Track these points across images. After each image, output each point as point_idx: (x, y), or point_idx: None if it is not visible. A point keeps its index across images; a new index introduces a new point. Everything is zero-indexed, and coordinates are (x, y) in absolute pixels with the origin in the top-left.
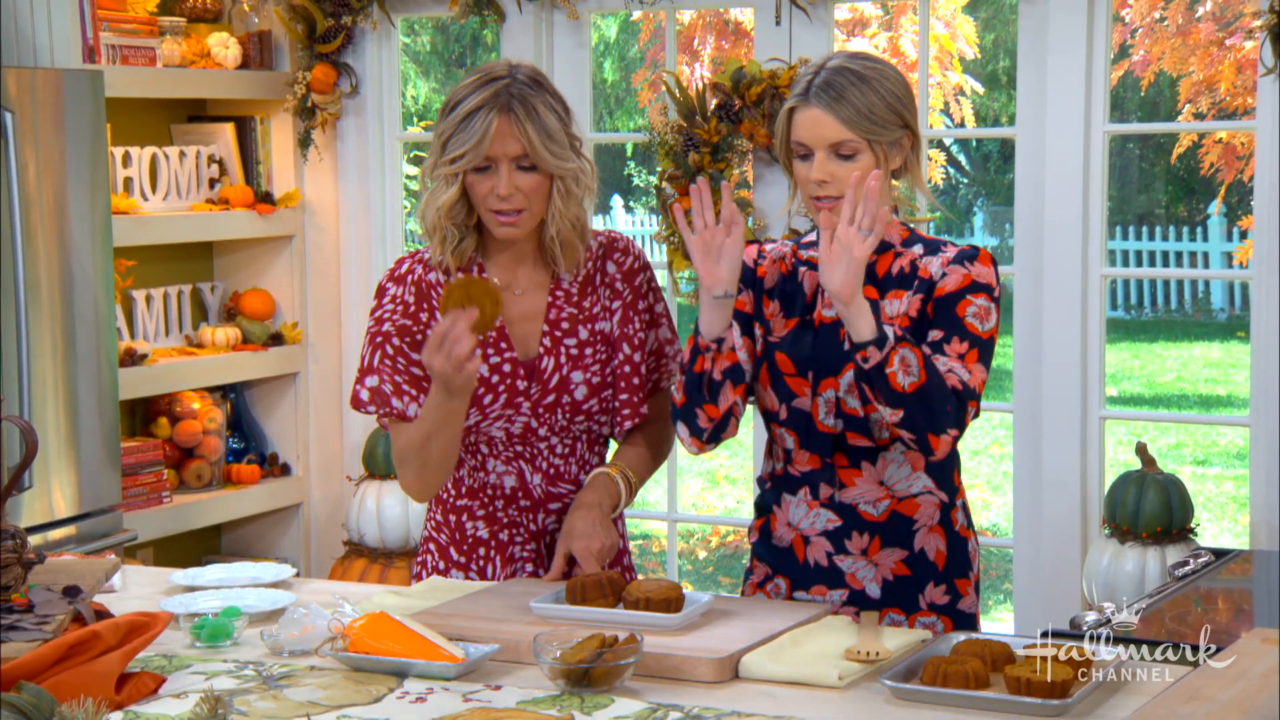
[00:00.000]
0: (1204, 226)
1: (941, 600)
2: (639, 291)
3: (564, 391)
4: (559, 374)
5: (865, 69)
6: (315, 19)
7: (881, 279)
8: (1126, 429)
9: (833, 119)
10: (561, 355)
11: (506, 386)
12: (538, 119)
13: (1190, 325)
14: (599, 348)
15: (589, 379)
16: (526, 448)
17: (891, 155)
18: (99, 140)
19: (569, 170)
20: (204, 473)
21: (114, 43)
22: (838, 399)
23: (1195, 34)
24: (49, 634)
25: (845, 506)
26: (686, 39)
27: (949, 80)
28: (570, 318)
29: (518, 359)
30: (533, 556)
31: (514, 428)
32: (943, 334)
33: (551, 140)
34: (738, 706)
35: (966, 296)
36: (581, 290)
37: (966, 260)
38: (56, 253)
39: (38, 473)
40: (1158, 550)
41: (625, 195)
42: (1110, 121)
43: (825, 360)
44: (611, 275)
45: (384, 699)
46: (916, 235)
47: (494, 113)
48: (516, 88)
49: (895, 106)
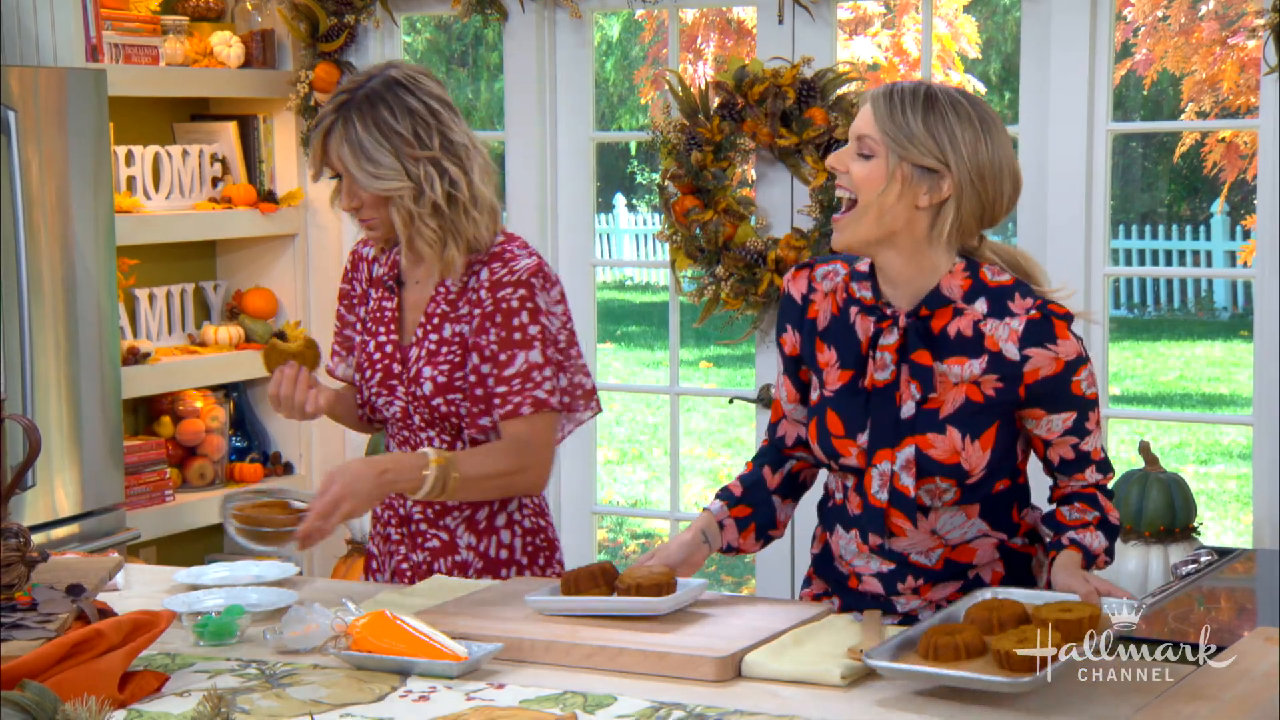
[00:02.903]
0: (1207, 225)
1: None
2: (500, 305)
3: (418, 384)
4: (418, 365)
5: (944, 94)
6: (318, 17)
7: (938, 337)
8: (1129, 428)
9: (870, 113)
10: (424, 349)
11: (383, 367)
12: (354, 140)
13: (1193, 324)
14: (454, 349)
15: (436, 377)
16: (410, 434)
17: (916, 184)
18: (102, 139)
19: (398, 190)
20: (207, 471)
21: (117, 41)
22: (893, 473)
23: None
24: (52, 632)
25: (896, 554)
26: (689, 38)
27: (950, 80)
28: (442, 314)
29: (398, 343)
30: (402, 540)
31: (394, 410)
32: (1076, 414)
33: (368, 160)
34: (741, 705)
35: (1074, 379)
36: (460, 291)
37: (1047, 341)
38: (59, 251)
39: (41, 471)
40: (1160, 549)
41: (628, 194)
42: (1113, 120)
43: (880, 432)
44: (480, 282)
45: (387, 698)
46: (980, 282)
47: (319, 134)
48: (350, 105)
49: (938, 135)
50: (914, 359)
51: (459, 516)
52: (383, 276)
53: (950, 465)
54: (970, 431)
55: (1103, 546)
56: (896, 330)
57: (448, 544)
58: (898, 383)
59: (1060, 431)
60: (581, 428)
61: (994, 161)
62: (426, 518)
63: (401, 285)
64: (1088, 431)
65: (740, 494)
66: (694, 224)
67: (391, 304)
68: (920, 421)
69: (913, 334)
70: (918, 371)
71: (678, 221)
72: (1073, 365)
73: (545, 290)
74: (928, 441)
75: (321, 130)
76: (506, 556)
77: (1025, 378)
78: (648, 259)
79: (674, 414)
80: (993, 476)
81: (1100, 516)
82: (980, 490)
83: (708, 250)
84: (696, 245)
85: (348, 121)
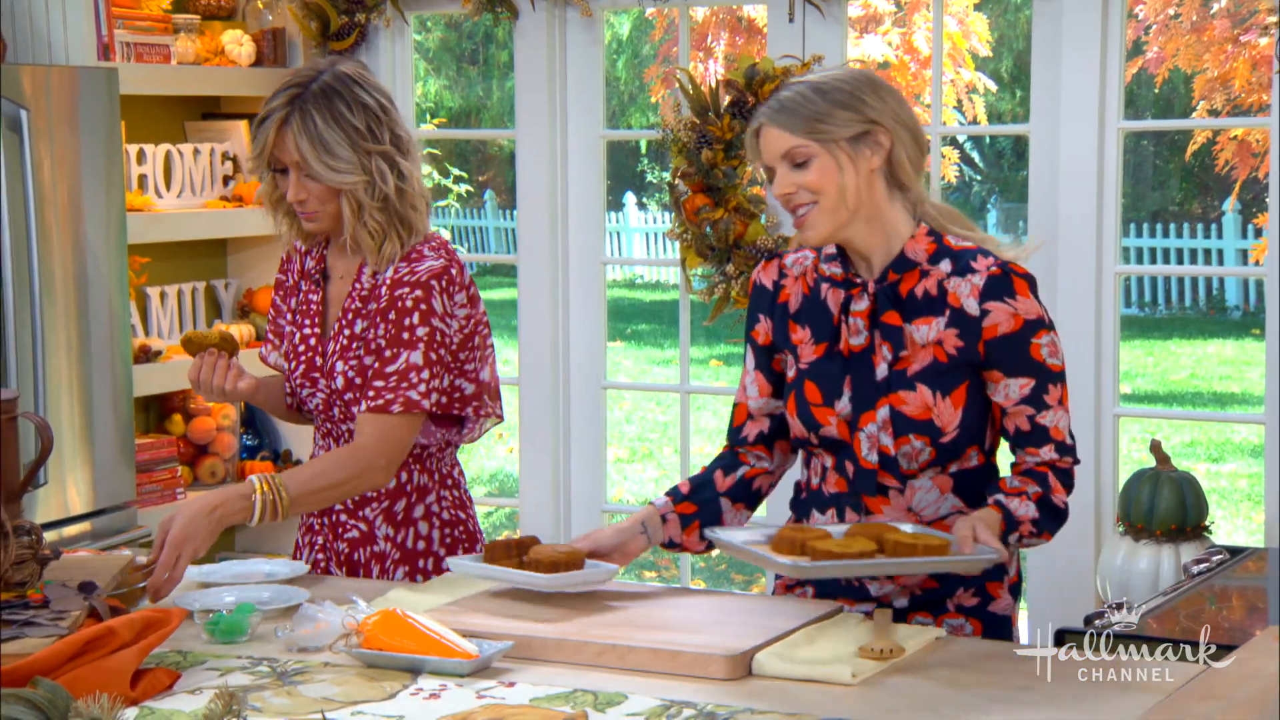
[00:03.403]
0: (1219, 223)
1: (970, 602)
2: (394, 303)
3: (332, 378)
4: (332, 360)
5: (821, 77)
6: (329, 16)
7: (905, 300)
8: (1140, 426)
9: (778, 129)
10: (339, 343)
11: (306, 360)
12: (312, 130)
13: (1205, 322)
14: (358, 344)
15: (347, 372)
16: (333, 426)
17: (860, 154)
18: (114, 137)
19: (352, 183)
20: (218, 469)
21: (129, 40)
22: (875, 435)
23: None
24: (64, 630)
25: None
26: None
27: (961, 77)
28: (355, 310)
29: (320, 336)
30: (321, 530)
31: (316, 402)
32: (1033, 382)
33: (327, 153)
34: (751, 704)
35: (1032, 341)
36: (372, 288)
37: (1005, 295)
38: (71, 250)
39: (53, 469)
40: (1172, 548)
41: (638, 192)
42: (1124, 118)
43: (860, 393)
44: (385, 278)
45: (398, 695)
46: (944, 246)
47: (274, 124)
48: (305, 98)
49: (846, 102)
50: (884, 321)
51: (377, 508)
52: (311, 270)
53: (923, 422)
54: (940, 389)
55: (1029, 516)
56: (867, 296)
57: (366, 535)
58: (872, 346)
59: (1017, 399)
60: (592, 426)
61: (895, 95)
62: (346, 508)
63: (326, 280)
64: (1046, 405)
65: (688, 492)
66: (704, 222)
67: (316, 297)
68: (893, 381)
69: (882, 298)
70: (889, 333)
71: (688, 220)
72: (1032, 325)
73: (446, 293)
74: (900, 399)
75: (275, 122)
76: (424, 548)
77: (984, 333)
78: (658, 257)
79: (684, 412)
80: (966, 440)
81: (1041, 493)
82: (954, 453)
83: (718, 248)
84: (707, 243)
85: (304, 114)
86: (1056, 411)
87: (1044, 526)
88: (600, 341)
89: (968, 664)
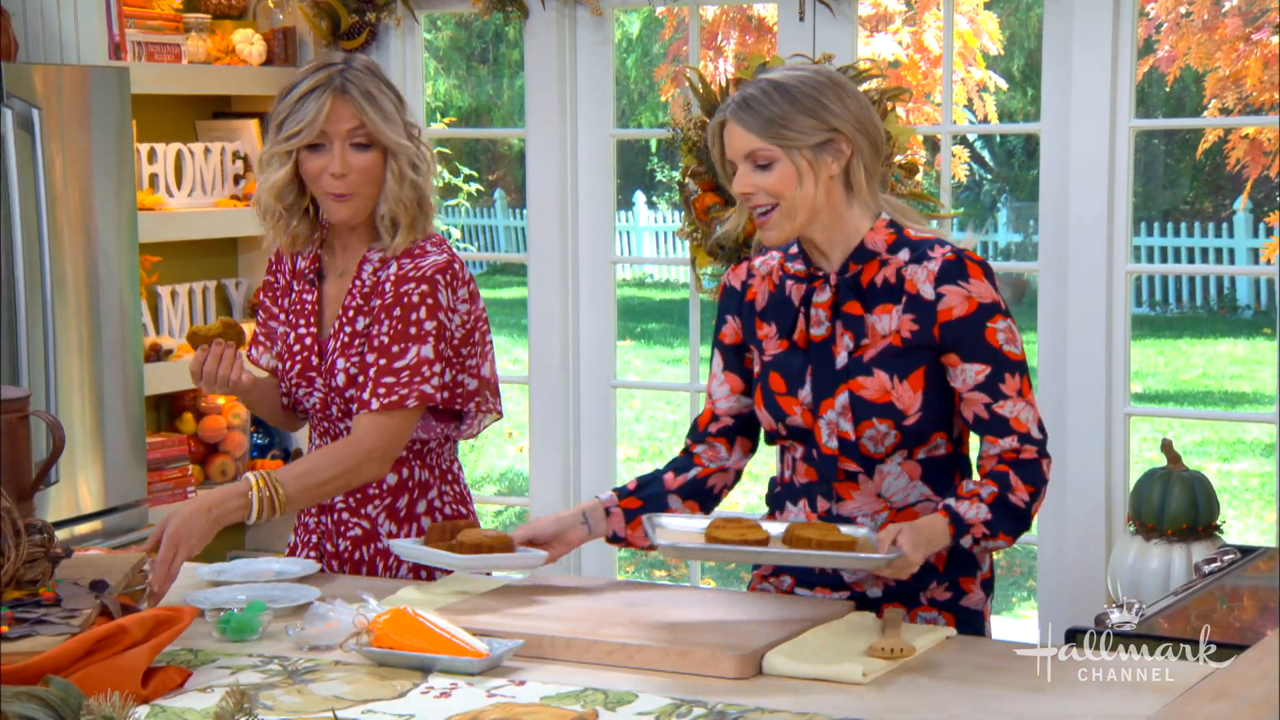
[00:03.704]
0: (1230, 222)
1: (943, 596)
2: (400, 300)
3: (333, 375)
4: (332, 358)
5: (787, 77)
6: (339, 15)
7: (866, 290)
8: (1151, 426)
9: (742, 129)
10: (339, 341)
11: (302, 359)
12: (372, 99)
13: (1216, 321)
14: (364, 342)
15: (348, 369)
16: (329, 425)
17: (821, 161)
18: (125, 136)
19: (405, 148)
20: (228, 468)
21: (140, 39)
22: (834, 420)
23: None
24: (76, 628)
25: (843, 520)
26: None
27: (972, 76)
28: (356, 308)
29: (316, 335)
30: (317, 529)
31: (313, 401)
32: (989, 369)
33: (386, 119)
34: (761, 702)
35: (988, 325)
36: (375, 285)
37: (959, 279)
38: (82, 249)
39: (64, 468)
40: (1183, 547)
41: (648, 191)
42: (1135, 117)
43: (820, 381)
44: (388, 275)
45: (408, 694)
46: (904, 237)
47: (328, 92)
48: (351, 73)
49: (812, 110)
50: (846, 311)
51: (379, 505)
52: (304, 269)
53: (883, 405)
54: (896, 372)
55: (980, 519)
56: (829, 288)
57: (369, 532)
58: (833, 337)
59: (972, 384)
60: (602, 425)
61: (859, 102)
62: (348, 506)
63: (322, 279)
64: (1004, 395)
65: (634, 488)
66: (714, 221)
67: (311, 297)
68: (852, 368)
69: (843, 288)
70: (851, 322)
71: (698, 219)
72: (986, 309)
73: (450, 288)
74: (859, 384)
75: (329, 91)
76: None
77: (939, 316)
78: (668, 256)
79: (694, 411)
80: (931, 425)
81: (997, 494)
82: (920, 438)
83: (728, 247)
84: (717, 243)
85: (358, 83)
86: (1016, 402)
87: (999, 528)
88: (610, 340)
89: (979, 663)
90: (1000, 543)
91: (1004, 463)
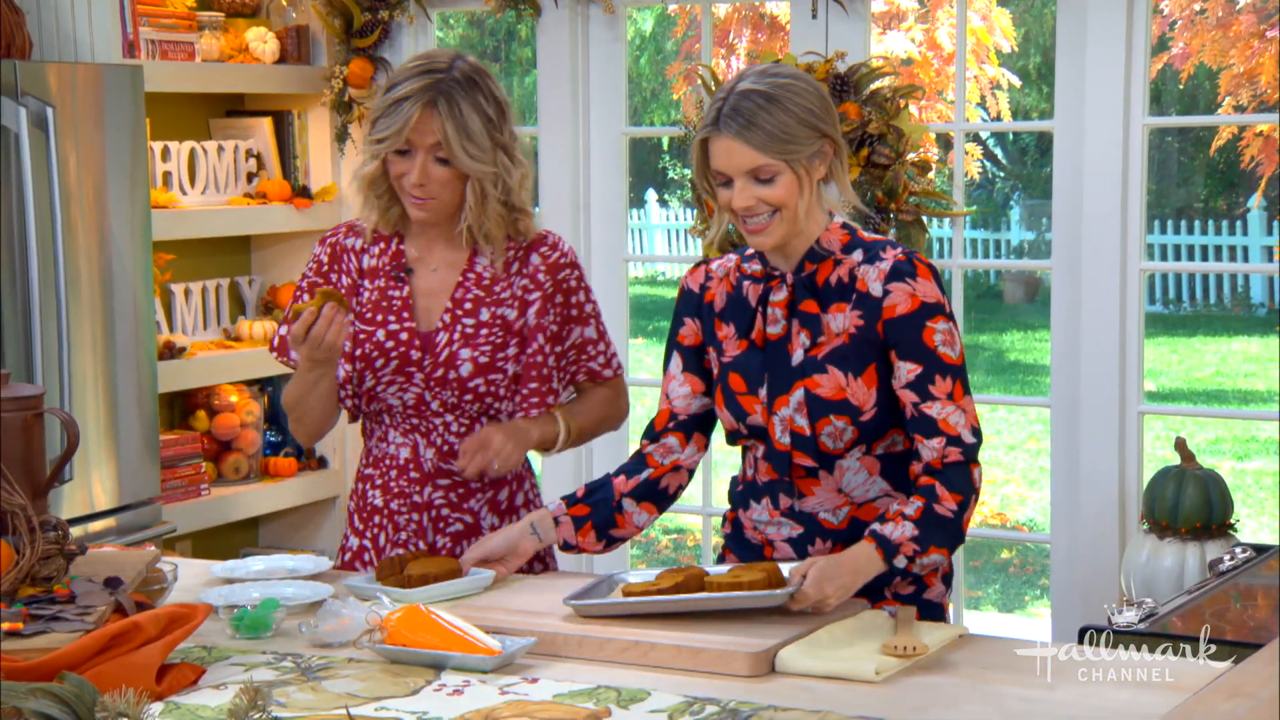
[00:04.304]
0: (1244, 220)
1: (906, 590)
2: (560, 285)
3: (451, 367)
4: (449, 349)
5: (773, 87)
6: (352, 13)
7: (822, 289)
8: (1165, 424)
9: (745, 146)
10: (456, 332)
11: (399, 355)
12: (459, 117)
13: (1230, 320)
14: (495, 331)
15: (476, 358)
16: (421, 421)
17: (814, 167)
18: (138, 134)
19: (485, 173)
20: (242, 466)
21: (153, 38)
22: (790, 416)
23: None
24: (90, 625)
25: (805, 515)
26: (722, 33)
27: (985, 74)
28: (475, 299)
29: (416, 329)
30: (416, 528)
31: (407, 398)
32: (920, 369)
33: (469, 140)
34: (774, 700)
35: (927, 325)
36: (495, 275)
37: (907, 277)
38: (96, 247)
39: (78, 465)
40: (1197, 546)
41: (660, 189)
42: (1149, 114)
43: (776, 379)
44: (534, 266)
45: (421, 691)
46: (858, 239)
47: (419, 104)
48: (448, 84)
49: (809, 120)
50: (803, 309)
51: (482, 499)
52: (384, 266)
53: (838, 402)
54: (851, 369)
55: (907, 535)
56: (785, 287)
57: (471, 526)
58: (789, 335)
59: (904, 382)
60: None
61: (830, 101)
62: (449, 502)
63: (410, 274)
64: (933, 396)
65: (582, 495)
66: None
67: (401, 292)
68: (807, 366)
69: (800, 287)
70: (807, 320)
71: (710, 217)
72: (928, 309)
73: None
74: (815, 382)
75: (420, 103)
76: None
77: (884, 313)
78: (680, 254)
79: None
80: (888, 421)
81: (923, 508)
82: (876, 433)
83: (740, 245)
84: (729, 241)
85: (450, 98)
86: (946, 405)
87: (929, 542)
88: (622, 338)
89: (991, 662)
90: (936, 557)
91: (930, 473)
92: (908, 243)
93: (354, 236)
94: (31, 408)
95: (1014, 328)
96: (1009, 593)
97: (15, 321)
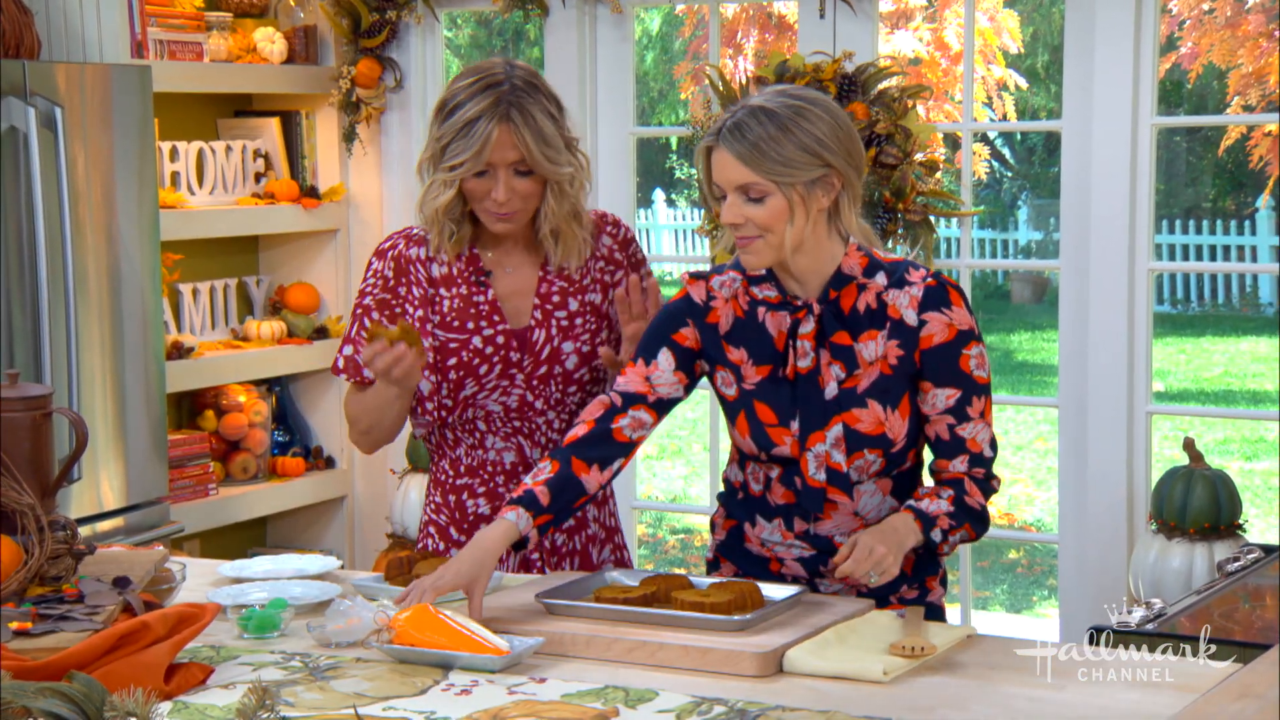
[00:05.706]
0: (1252, 220)
1: (910, 595)
2: (634, 261)
3: (555, 362)
4: (550, 345)
5: (784, 108)
6: (360, 13)
7: (849, 316)
8: (1173, 424)
9: (737, 162)
10: (552, 327)
11: (500, 358)
12: (534, 125)
13: (1238, 320)
14: (589, 318)
15: (580, 348)
16: (525, 423)
17: (813, 195)
18: (147, 135)
19: (564, 175)
20: (249, 465)
21: (161, 38)
22: (826, 453)
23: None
24: (99, 624)
25: (820, 538)
26: (730, 32)
27: (992, 74)
28: (560, 290)
29: (510, 330)
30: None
31: (510, 400)
32: (959, 394)
33: (548, 146)
34: (782, 700)
35: (963, 353)
36: (579, 267)
37: (943, 306)
38: (105, 246)
39: (86, 465)
40: (1205, 546)
41: (667, 189)
42: (1157, 114)
43: (809, 413)
44: (608, 248)
45: (429, 691)
46: (876, 261)
47: (494, 122)
48: (514, 94)
49: (812, 148)
50: (834, 341)
51: None
52: (460, 273)
53: (877, 436)
54: (890, 403)
55: (943, 510)
56: (812, 318)
57: (581, 520)
58: (819, 368)
59: (941, 408)
60: None
61: (849, 133)
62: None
63: (489, 275)
64: (969, 417)
65: (547, 503)
66: None
67: (484, 297)
68: (844, 399)
69: (828, 317)
70: (839, 352)
71: (718, 217)
72: (964, 336)
73: None
74: (854, 417)
75: (494, 121)
76: (613, 524)
77: (921, 343)
78: (687, 254)
79: (713, 409)
80: (910, 447)
81: (955, 495)
82: (901, 460)
83: None
84: None
85: (521, 109)
86: (977, 424)
87: (962, 520)
88: None
89: (999, 662)
90: (964, 534)
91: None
92: (915, 243)
93: (416, 246)
94: (40, 407)
95: (1022, 328)
96: (1017, 593)
97: (24, 321)
